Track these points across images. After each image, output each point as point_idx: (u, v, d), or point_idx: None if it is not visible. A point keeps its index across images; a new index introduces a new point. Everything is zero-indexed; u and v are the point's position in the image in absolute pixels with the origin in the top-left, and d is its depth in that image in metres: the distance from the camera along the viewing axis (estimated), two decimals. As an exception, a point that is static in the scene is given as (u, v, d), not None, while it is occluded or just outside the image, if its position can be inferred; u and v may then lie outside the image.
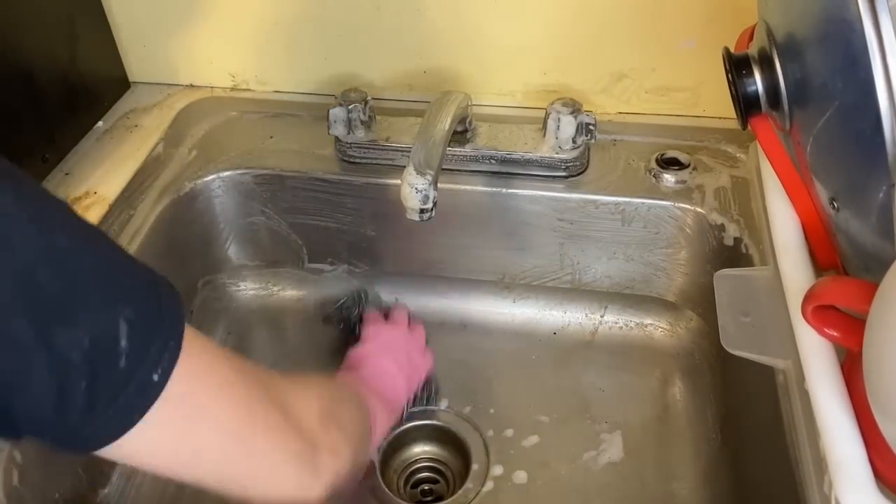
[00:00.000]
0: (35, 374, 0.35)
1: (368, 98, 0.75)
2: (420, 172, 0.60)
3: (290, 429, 0.47)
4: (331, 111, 0.74)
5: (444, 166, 0.66)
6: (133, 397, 0.38)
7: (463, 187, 0.75)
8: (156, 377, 0.39)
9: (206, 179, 0.77)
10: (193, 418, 0.42)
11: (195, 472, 0.44)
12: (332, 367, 0.69)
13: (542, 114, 0.74)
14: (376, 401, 0.62)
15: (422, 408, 0.75)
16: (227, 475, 0.46)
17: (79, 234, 0.39)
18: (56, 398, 0.36)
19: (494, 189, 0.75)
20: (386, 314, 0.76)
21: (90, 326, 0.36)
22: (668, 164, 0.75)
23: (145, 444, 0.40)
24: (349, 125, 0.75)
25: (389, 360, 0.68)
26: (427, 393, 0.75)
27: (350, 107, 0.74)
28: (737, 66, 0.55)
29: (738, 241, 0.69)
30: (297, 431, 0.48)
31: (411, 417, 0.74)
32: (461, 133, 0.74)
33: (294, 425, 0.48)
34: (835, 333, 0.48)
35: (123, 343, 0.37)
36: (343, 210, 0.79)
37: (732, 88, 0.56)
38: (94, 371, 0.36)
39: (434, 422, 0.74)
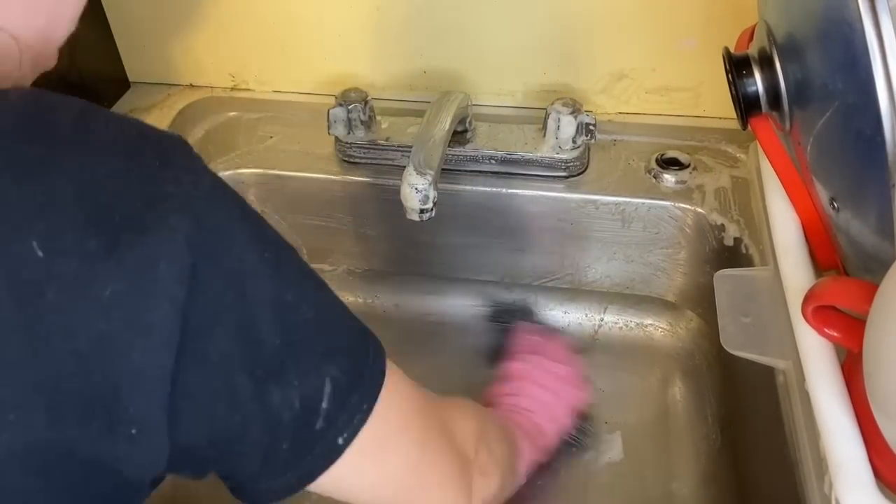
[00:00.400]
0: (250, 432, 0.35)
1: (368, 98, 0.75)
2: (420, 172, 0.60)
3: (453, 453, 0.48)
4: (331, 111, 0.74)
5: (444, 166, 0.66)
6: (316, 459, 0.38)
7: (463, 187, 0.75)
8: (341, 441, 0.38)
9: (205, 179, 0.77)
10: (375, 462, 0.42)
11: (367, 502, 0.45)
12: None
13: (542, 114, 0.74)
14: (524, 430, 0.62)
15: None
16: (396, 503, 0.46)
17: (303, 287, 0.39)
18: (263, 456, 0.36)
19: (494, 189, 0.75)
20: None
21: (300, 386, 0.36)
22: (668, 164, 0.75)
23: (321, 488, 0.40)
24: (349, 125, 0.75)
25: (543, 388, 0.68)
26: (579, 426, 0.72)
27: (350, 107, 0.74)
28: (737, 67, 0.55)
29: (738, 241, 0.69)
30: (457, 454, 0.48)
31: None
32: (461, 133, 0.74)
33: (455, 449, 0.48)
34: (835, 334, 0.48)
35: (325, 404, 0.37)
36: (343, 210, 0.79)
37: (732, 88, 0.56)
38: (297, 431, 0.36)
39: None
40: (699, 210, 0.72)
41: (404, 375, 0.45)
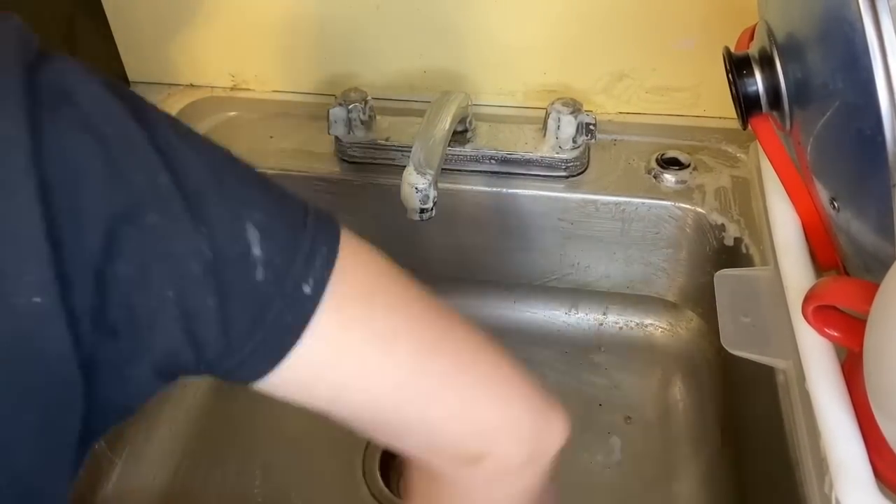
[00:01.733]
0: (154, 284, 0.31)
1: (368, 98, 0.75)
2: (420, 172, 0.60)
3: (507, 366, 0.39)
4: (331, 111, 0.74)
5: (444, 166, 0.66)
6: (282, 316, 0.32)
7: (463, 187, 0.75)
8: (307, 289, 0.33)
9: (206, 179, 0.77)
10: (371, 339, 0.35)
11: (377, 409, 0.36)
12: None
13: (542, 114, 0.74)
14: None
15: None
16: (421, 416, 0.37)
17: (196, 142, 0.34)
18: (180, 319, 0.31)
19: (494, 189, 0.75)
20: None
21: (207, 233, 0.31)
22: (669, 164, 0.74)
23: (307, 371, 0.34)
24: (349, 125, 0.75)
25: None
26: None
27: (350, 107, 0.74)
28: (737, 66, 0.55)
29: (738, 241, 0.69)
30: (517, 372, 0.40)
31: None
32: (461, 133, 0.74)
33: (509, 364, 0.40)
34: (835, 333, 0.48)
35: (256, 252, 0.32)
36: (343, 210, 0.78)
37: (733, 88, 0.56)
38: (221, 285, 0.31)
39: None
40: (699, 210, 0.72)
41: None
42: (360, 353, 0.35)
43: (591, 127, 0.73)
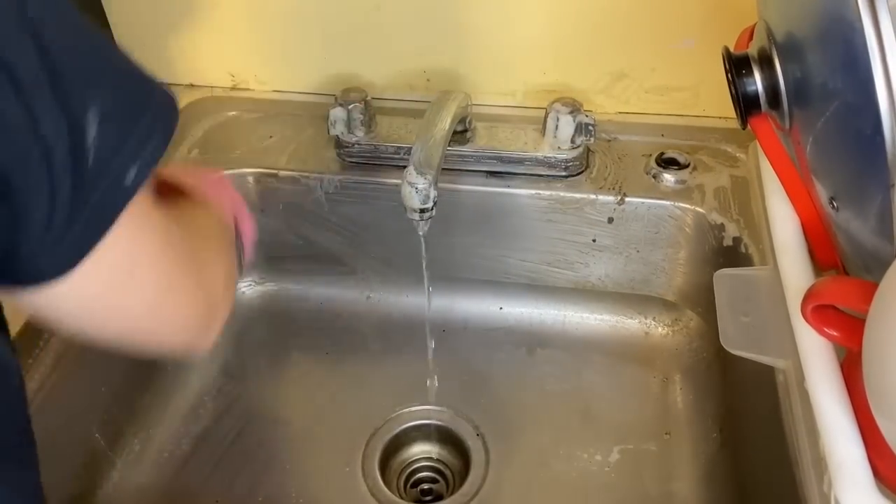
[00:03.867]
0: (32, 162, 0.30)
1: (368, 98, 0.75)
2: (420, 172, 0.60)
3: (200, 297, 0.44)
4: (331, 111, 0.74)
5: (443, 166, 0.66)
6: (102, 197, 0.33)
7: (463, 187, 0.75)
8: (132, 172, 0.33)
9: (205, 179, 0.77)
10: (127, 275, 0.37)
11: (103, 329, 0.40)
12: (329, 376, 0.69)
13: (541, 114, 0.74)
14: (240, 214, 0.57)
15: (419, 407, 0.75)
16: (134, 334, 0.42)
17: (65, 20, 0.33)
18: (48, 193, 0.31)
19: (494, 189, 0.75)
20: None
21: (62, 110, 0.31)
22: (668, 163, 0.75)
23: (72, 291, 0.35)
24: (349, 125, 0.75)
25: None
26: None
27: (350, 107, 0.74)
28: (736, 66, 0.55)
29: (737, 240, 0.69)
30: (205, 297, 0.45)
31: (412, 417, 0.74)
32: (461, 133, 0.74)
33: (205, 293, 0.45)
34: (834, 333, 0.48)
35: (93, 132, 0.32)
36: (342, 210, 0.79)
37: (732, 88, 0.56)
38: (71, 167, 0.31)
39: (434, 422, 0.74)
40: (699, 209, 0.72)
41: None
42: (115, 286, 0.37)
43: (591, 127, 0.73)
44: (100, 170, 0.32)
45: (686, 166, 0.74)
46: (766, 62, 0.54)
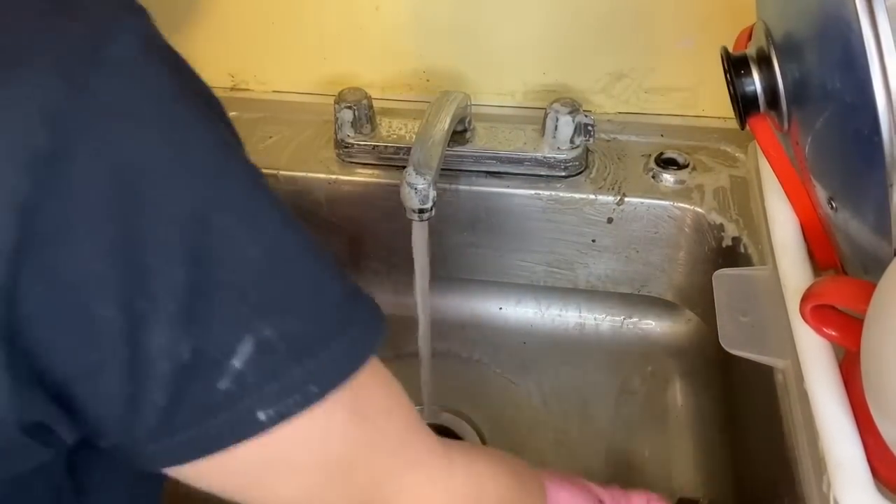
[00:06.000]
0: (111, 374, 0.27)
1: (368, 98, 0.75)
2: (419, 173, 0.60)
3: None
4: (338, 113, 0.74)
5: (443, 166, 0.66)
6: (220, 428, 0.29)
7: (462, 187, 0.75)
8: (263, 417, 0.29)
9: (205, 179, 0.77)
10: (278, 472, 0.32)
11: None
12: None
13: (541, 114, 0.74)
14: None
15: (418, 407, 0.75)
16: None
17: (253, 211, 0.29)
18: (123, 407, 0.28)
19: (493, 189, 0.75)
20: None
21: (200, 335, 0.27)
22: (667, 163, 0.75)
23: (216, 474, 0.31)
24: (353, 126, 0.75)
25: None
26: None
27: (356, 108, 0.74)
28: (735, 66, 0.55)
29: (736, 240, 0.69)
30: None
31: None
32: (460, 133, 0.74)
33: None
34: (833, 333, 0.48)
35: (236, 364, 0.28)
36: (342, 210, 0.79)
37: (731, 88, 0.56)
38: (180, 389, 0.28)
39: (434, 421, 0.75)
40: (698, 210, 0.72)
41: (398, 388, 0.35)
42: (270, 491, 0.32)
43: (590, 127, 0.73)
44: (224, 400, 0.28)
45: (685, 166, 0.74)
46: (764, 62, 0.54)
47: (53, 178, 0.24)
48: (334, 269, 0.32)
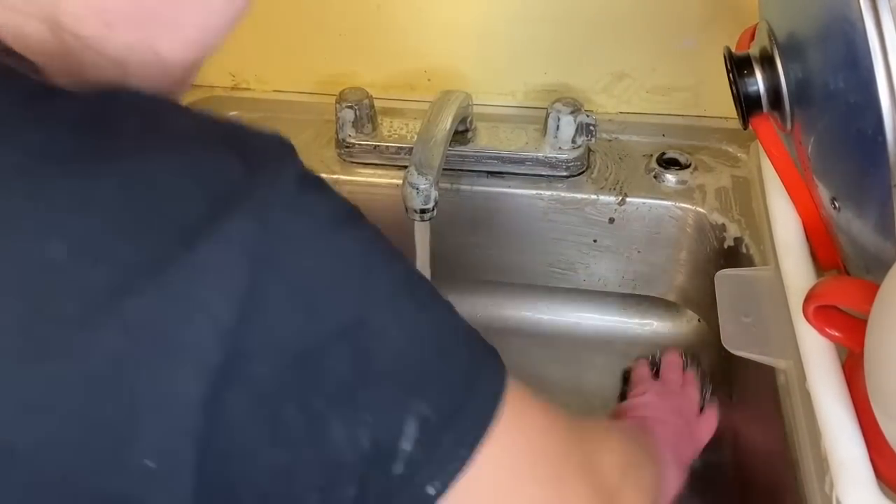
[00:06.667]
0: (300, 472, 0.29)
1: (370, 97, 0.75)
2: (421, 173, 0.60)
3: (595, 491, 0.40)
4: (340, 113, 0.74)
5: (444, 166, 0.66)
6: None
7: (464, 187, 0.75)
8: (431, 491, 0.31)
9: (206, 179, 0.77)
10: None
11: None
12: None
13: (542, 114, 0.74)
14: (669, 457, 0.56)
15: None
16: None
17: (399, 305, 0.32)
18: (318, 502, 0.30)
19: (495, 189, 0.75)
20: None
21: (374, 423, 0.30)
22: (669, 163, 0.74)
23: None
24: (355, 125, 0.75)
25: (676, 414, 0.62)
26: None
27: (357, 107, 0.74)
28: (738, 66, 0.55)
29: (738, 241, 0.69)
30: (601, 492, 0.40)
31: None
32: (462, 133, 0.74)
33: (599, 484, 0.40)
34: (836, 333, 0.48)
35: (405, 446, 0.30)
36: (343, 210, 0.79)
37: (733, 88, 0.56)
38: (366, 476, 0.30)
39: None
40: (700, 210, 0.72)
41: (535, 401, 0.37)
42: None
43: (591, 127, 0.72)
44: (399, 484, 0.30)
45: (687, 166, 0.74)
46: (767, 62, 0.54)
47: (253, 305, 0.27)
48: (462, 329, 0.35)
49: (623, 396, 0.70)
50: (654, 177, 0.74)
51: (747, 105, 0.55)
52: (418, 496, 0.31)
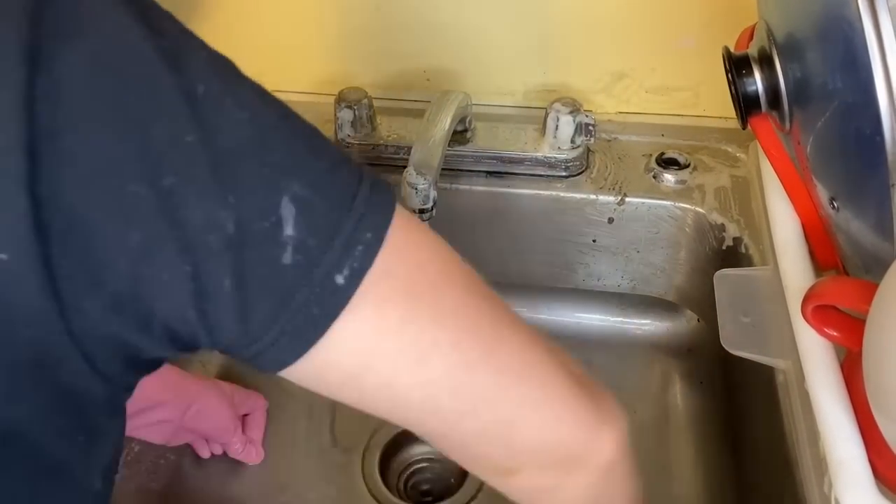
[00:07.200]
0: (159, 252, 0.27)
1: (369, 98, 0.75)
2: (420, 173, 0.60)
3: (557, 383, 0.35)
4: (338, 113, 0.74)
5: (443, 166, 0.66)
6: (307, 308, 0.28)
7: (463, 187, 0.75)
8: (341, 280, 0.28)
9: (205, 179, 0.77)
10: (406, 348, 0.31)
11: (403, 417, 0.33)
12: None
13: (542, 113, 0.74)
14: None
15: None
16: (448, 431, 0.33)
17: (241, 86, 0.30)
18: (193, 296, 0.27)
19: (494, 189, 0.75)
20: None
21: (236, 203, 0.27)
22: (668, 163, 0.74)
23: (331, 370, 0.30)
24: (353, 125, 0.75)
25: None
26: None
27: (356, 107, 0.74)
28: (737, 66, 0.55)
29: (738, 240, 0.69)
30: (565, 369, 0.36)
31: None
32: (461, 133, 0.74)
33: (560, 361, 0.36)
34: (835, 333, 0.48)
35: (289, 231, 0.28)
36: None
37: (732, 88, 0.56)
38: (240, 265, 0.27)
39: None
40: (699, 210, 0.72)
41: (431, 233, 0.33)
42: (390, 362, 0.31)
43: (591, 127, 0.73)
44: (299, 276, 0.28)
45: (686, 166, 0.74)
46: (766, 62, 0.54)
47: (44, 60, 0.25)
48: (321, 134, 0.32)
49: None
50: (654, 177, 0.74)
51: (746, 105, 0.55)
52: (327, 288, 0.28)
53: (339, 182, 0.30)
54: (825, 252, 0.57)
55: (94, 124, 0.26)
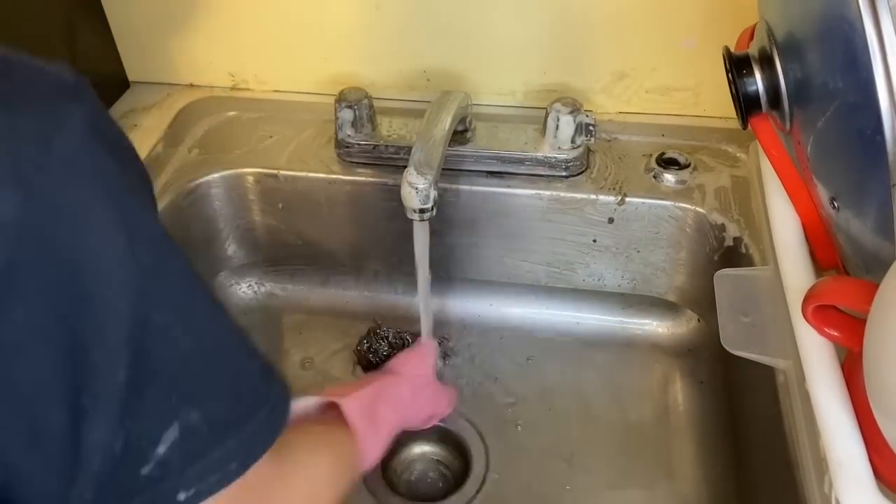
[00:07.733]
0: (49, 470, 0.28)
1: (369, 97, 0.75)
2: (420, 172, 0.60)
3: None
4: (339, 113, 0.74)
5: (444, 166, 0.66)
6: None
7: (463, 187, 0.75)
8: (182, 497, 0.30)
9: (206, 179, 0.77)
10: None
11: None
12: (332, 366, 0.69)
13: (542, 113, 0.74)
14: (372, 432, 0.56)
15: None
16: None
17: (185, 307, 0.31)
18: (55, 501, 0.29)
19: (494, 189, 0.75)
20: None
21: (132, 427, 0.29)
22: (669, 163, 0.74)
23: None
24: (354, 125, 0.75)
25: (409, 390, 0.64)
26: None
27: (357, 107, 0.74)
28: (737, 66, 0.55)
29: (738, 240, 0.69)
30: None
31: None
32: (461, 133, 0.74)
33: None
34: (835, 333, 0.48)
35: (161, 450, 0.30)
36: (343, 210, 0.79)
37: (733, 88, 0.56)
38: (108, 476, 0.29)
39: (434, 422, 0.74)
40: (699, 210, 0.72)
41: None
42: None
43: (591, 127, 0.73)
44: (144, 484, 0.30)
45: (686, 166, 0.74)
46: (766, 62, 0.54)
47: (8, 286, 0.25)
48: (255, 354, 0.34)
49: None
50: (654, 177, 0.74)
51: (746, 105, 0.55)
52: (164, 500, 0.30)
53: (239, 410, 0.32)
54: (825, 252, 0.57)
55: (41, 350, 0.26)
